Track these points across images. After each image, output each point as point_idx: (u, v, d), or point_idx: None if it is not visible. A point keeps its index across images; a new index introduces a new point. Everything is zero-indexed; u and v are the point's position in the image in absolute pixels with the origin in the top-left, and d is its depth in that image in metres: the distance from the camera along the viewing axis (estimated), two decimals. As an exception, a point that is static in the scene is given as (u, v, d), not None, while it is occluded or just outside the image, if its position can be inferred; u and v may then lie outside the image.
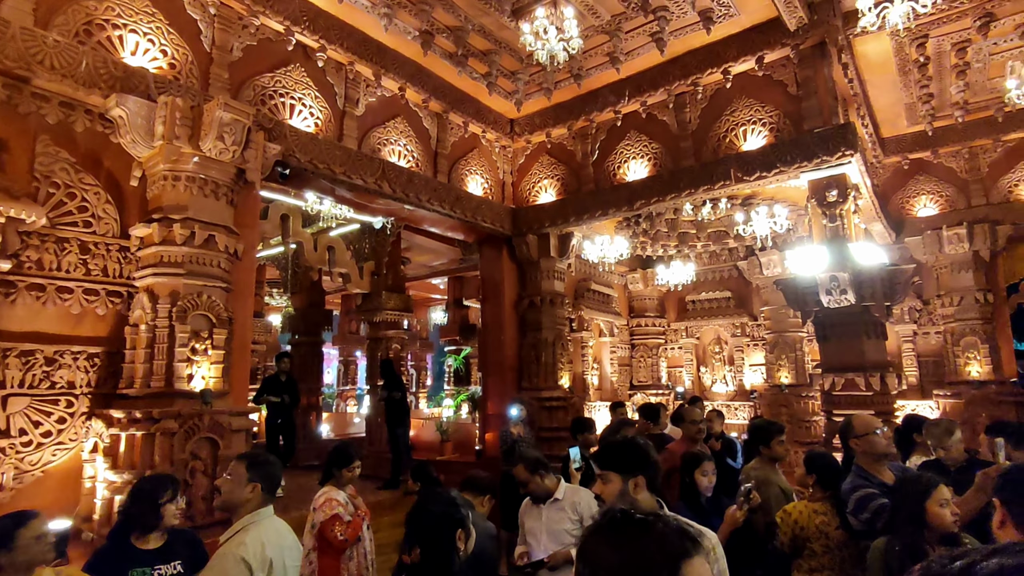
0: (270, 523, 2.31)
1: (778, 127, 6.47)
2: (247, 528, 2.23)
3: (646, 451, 2.16)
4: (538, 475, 3.29)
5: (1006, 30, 6.29)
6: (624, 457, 2.14)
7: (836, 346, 6.14)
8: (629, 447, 2.18)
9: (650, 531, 0.94)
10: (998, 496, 1.67)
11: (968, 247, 8.28)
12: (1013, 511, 1.63)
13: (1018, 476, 1.69)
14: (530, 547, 3.24)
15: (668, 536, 0.93)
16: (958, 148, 8.55)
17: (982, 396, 8.04)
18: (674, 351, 11.41)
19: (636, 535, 0.94)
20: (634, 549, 0.92)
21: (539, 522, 3.23)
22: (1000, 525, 1.64)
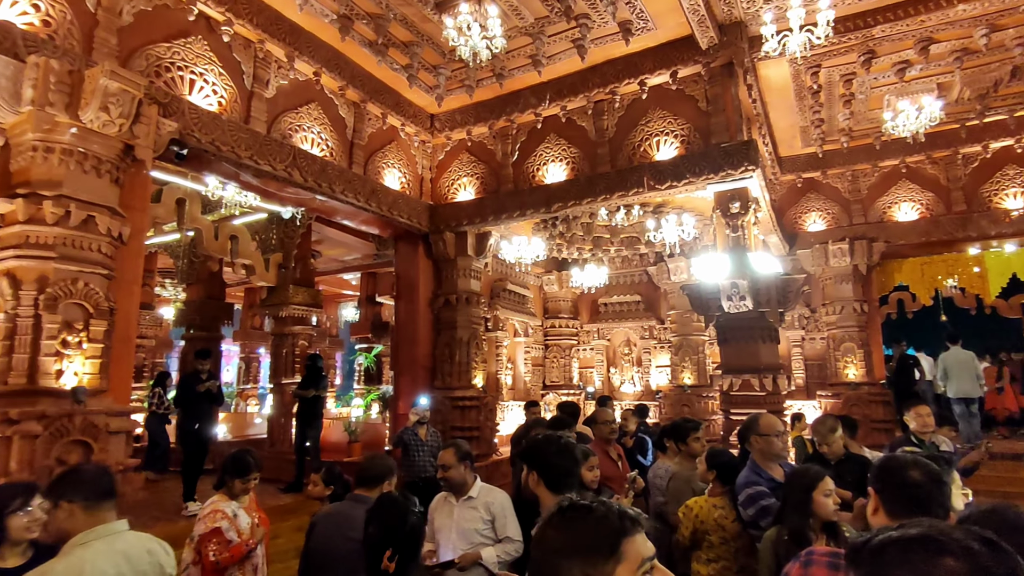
0: (108, 543, 1.89)
1: (689, 140, 6.78)
2: (63, 555, 1.84)
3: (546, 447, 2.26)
4: (464, 464, 3.19)
5: (884, 67, 6.96)
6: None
7: (735, 349, 6.52)
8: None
9: (592, 513, 1.02)
10: (871, 484, 1.80)
11: (849, 261, 9.09)
12: (884, 498, 1.75)
13: (889, 464, 1.81)
14: (438, 545, 3.11)
15: (608, 517, 1.01)
16: (843, 171, 9.38)
17: (857, 396, 8.86)
18: (586, 352, 11.71)
19: (580, 517, 1.02)
20: (577, 529, 1.01)
21: (450, 519, 3.11)
22: (874, 512, 1.76)
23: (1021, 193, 8.43)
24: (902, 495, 1.71)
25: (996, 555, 0.78)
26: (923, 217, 8.97)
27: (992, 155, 8.56)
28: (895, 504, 1.71)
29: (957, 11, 5.88)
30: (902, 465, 1.75)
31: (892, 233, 9.08)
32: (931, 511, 1.64)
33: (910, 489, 1.69)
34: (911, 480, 1.70)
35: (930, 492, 1.68)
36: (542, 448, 2.33)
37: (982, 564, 0.76)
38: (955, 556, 0.77)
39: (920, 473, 1.70)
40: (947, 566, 0.77)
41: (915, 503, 1.67)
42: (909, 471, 1.72)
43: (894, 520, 1.67)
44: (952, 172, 8.83)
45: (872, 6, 6.05)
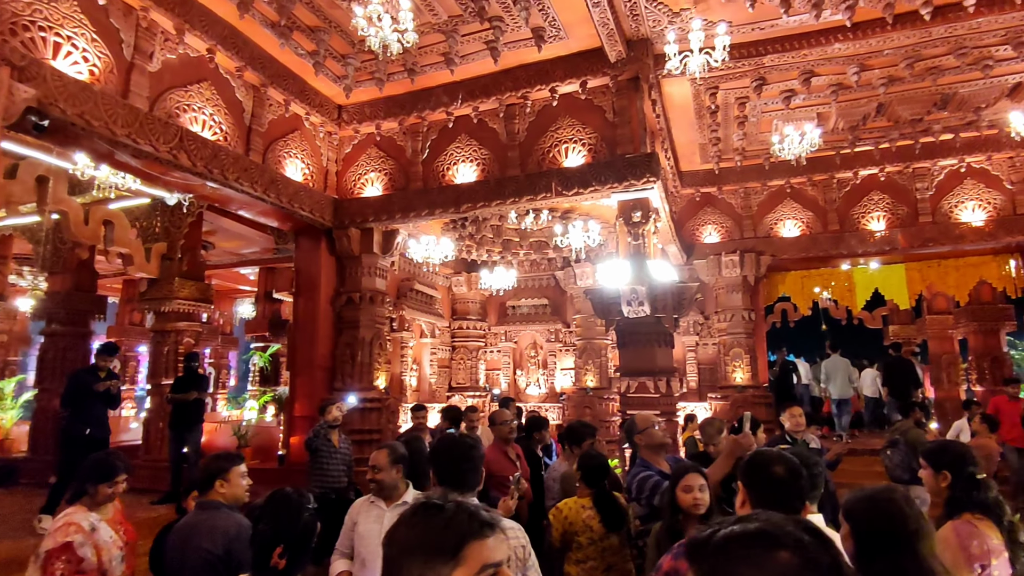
0: None
1: (595, 149, 6.96)
2: None
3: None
4: (397, 468, 3.01)
5: (773, 94, 7.52)
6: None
7: (633, 353, 6.76)
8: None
9: (442, 513, 1.02)
10: (740, 479, 1.88)
11: (739, 272, 9.74)
12: (750, 493, 1.84)
13: (756, 460, 1.91)
14: (358, 555, 2.81)
15: (456, 518, 1.00)
16: (737, 187, 10.05)
17: (743, 398, 9.50)
18: (493, 354, 11.75)
19: (430, 517, 1.02)
20: (424, 529, 1.01)
21: (378, 525, 2.80)
22: (741, 505, 1.85)
23: (883, 217, 9.42)
24: (766, 489, 1.80)
25: (822, 546, 0.82)
26: (804, 234, 9.79)
27: (861, 181, 9.51)
28: (760, 498, 1.80)
29: (834, 49, 6.46)
30: (767, 461, 1.85)
31: (777, 247, 9.84)
32: (791, 503, 1.74)
33: (773, 484, 1.79)
34: (774, 475, 1.79)
35: (791, 486, 1.78)
36: (438, 449, 2.45)
37: (811, 556, 0.80)
38: (789, 549, 0.80)
39: (783, 468, 1.81)
40: (782, 559, 0.79)
41: (778, 496, 1.76)
42: (773, 467, 1.82)
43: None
44: (828, 194, 9.71)
45: (763, 37, 6.50)
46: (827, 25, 6.12)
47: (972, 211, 9.05)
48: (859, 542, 1.70)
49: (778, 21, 6.14)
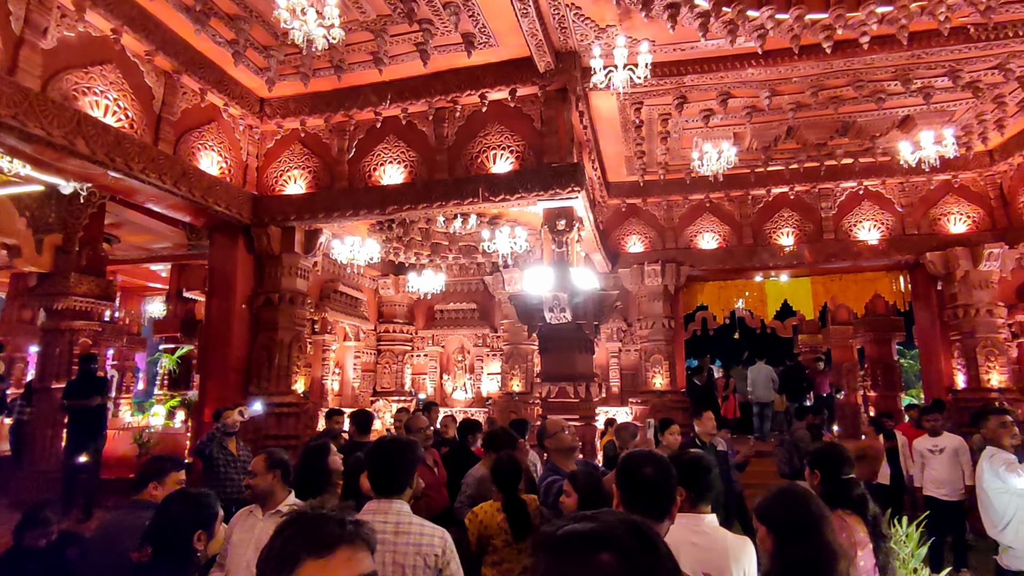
0: None
1: (523, 156, 7.05)
2: None
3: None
4: (273, 473, 2.87)
5: (693, 112, 7.88)
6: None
7: (554, 358, 6.88)
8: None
9: (284, 530, 1.03)
10: (615, 483, 1.96)
11: (661, 281, 10.12)
12: (622, 493, 1.92)
13: (627, 462, 1.98)
14: (227, 567, 2.69)
15: (297, 535, 1.01)
16: (660, 200, 10.45)
17: (662, 403, 9.85)
18: (420, 358, 11.62)
19: (285, 525, 1.04)
20: (270, 545, 1.03)
21: (250, 534, 2.71)
22: (616, 506, 1.92)
23: (792, 232, 10.06)
24: (635, 490, 1.87)
25: (645, 551, 0.86)
26: (721, 247, 10.29)
27: (773, 199, 10.12)
28: (630, 498, 1.88)
29: (748, 73, 6.85)
30: (637, 463, 1.91)
31: (697, 259, 10.30)
32: (660, 503, 1.82)
33: (642, 484, 1.85)
34: (644, 476, 1.85)
35: (660, 487, 1.85)
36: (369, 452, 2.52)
37: (632, 559, 0.83)
38: (612, 552, 0.83)
39: (652, 469, 1.87)
40: (603, 561, 0.82)
41: (646, 497, 1.84)
42: (643, 468, 1.87)
43: (632, 512, 1.85)
44: (744, 210, 10.27)
45: (684, 57, 6.80)
46: (741, 51, 6.47)
47: (868, 230, 9.82)
48: (777, 536, 1.88)
49: (697, 43, 6.44)
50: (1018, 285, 9.74)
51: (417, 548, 2.23)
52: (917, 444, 6.48)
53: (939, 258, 9.40)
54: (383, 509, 2.31)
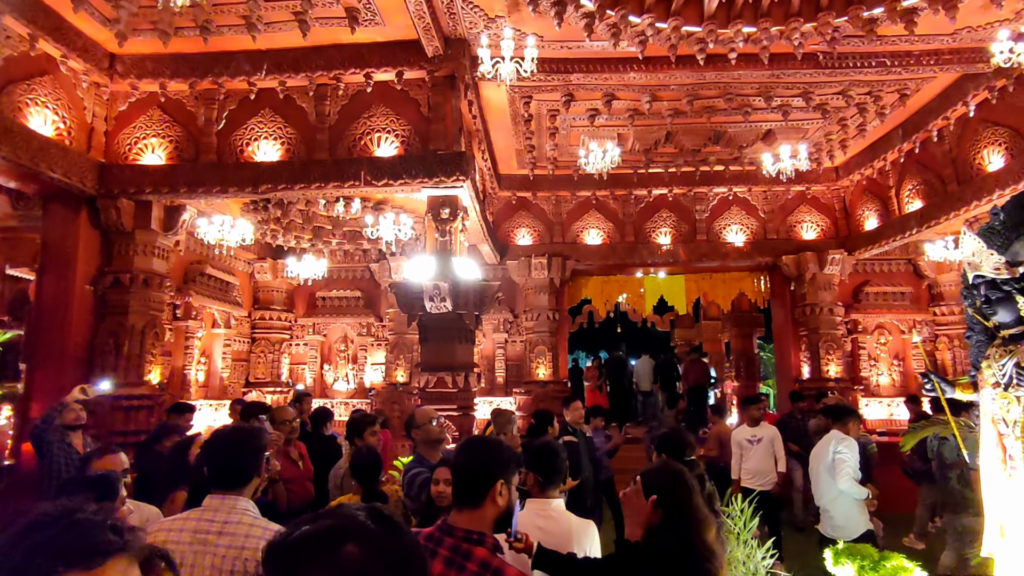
0: None
1: (409, 141, 6.87)
2: None
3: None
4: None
5: (580, 111, 8.09)
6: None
7: (434, 348, 6.81)
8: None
9: (45, 526, 0.85)
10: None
11: (547, 275, 10.35)
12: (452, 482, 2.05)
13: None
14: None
15: (63, 533, 0.83)
16: (549, 194, 10.66)
17: (544, 393, 10.12)
18: (299, 347, 11.07)
19: (28, 530, 0.86)
20: (18, 545, 0.83)
21: None
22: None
23: (670, 232, 10.67)
24: (455, 476, 2.02)
25: (391, 534, 0.83)
26: (605, 243, 10.70)
27: (653, 199, 10.67)
28: (454, 485, 2.02)
29: (630, 77, 7.11)
30: (457, 450, 2.10)
31: (582, 254, 10.64)
32: (477, 489, 1.91)
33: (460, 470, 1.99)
34: (459, 466, 2.00)
35: (475, 472, 1.96)
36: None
37: (378, 545, 0.80)
38: (355, 542, 0.79)
39: (461, 457, 2.02)
40: (348, 553, 0.78)
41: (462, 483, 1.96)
42: (457, 459, 2.04)
43: (455, 498, 1.98)
44: (627, 209, 10.74)
45: (571, 56, 6.92)
46: (625, 55, 6.69)
47: (736, 233, 10.65)
48: (664, 503, 2.11)
49: (583, 43, 6.57)
50: (854, 287, 11.02)
51: (239, 551, 2.03)
52: (735, 434, 6.55)
53: (793, 261, 10.41)
54: (215, 506, 2.12)
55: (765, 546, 3.90)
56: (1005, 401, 2.78)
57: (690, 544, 2.05)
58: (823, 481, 4.54)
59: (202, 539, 2.03)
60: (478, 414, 7.77)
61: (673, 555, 2.02)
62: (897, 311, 10.94)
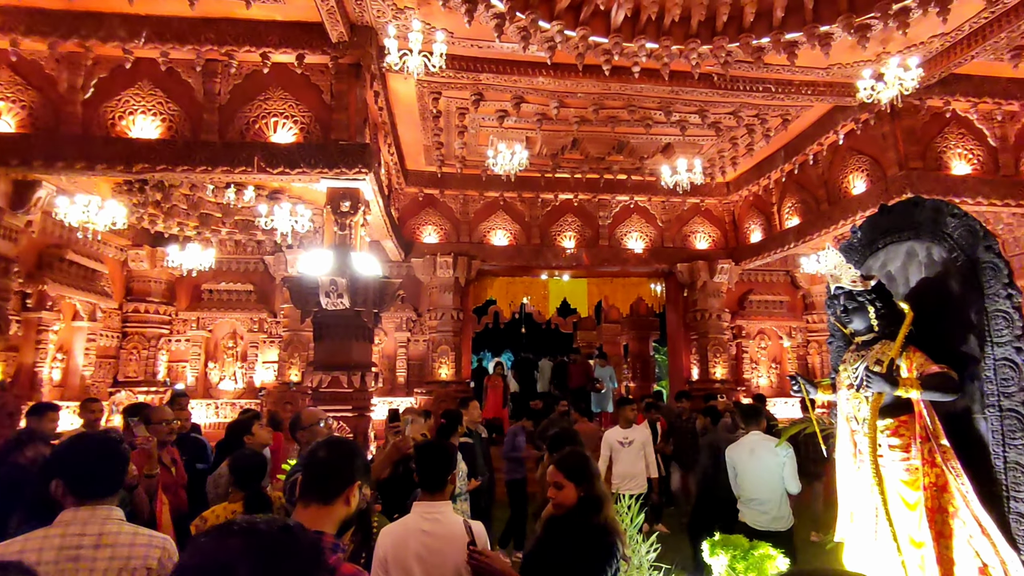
0: None
1: (309, 129, 6.52)
2: None
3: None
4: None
5: (489, 111, 8.07)
6: None
7: (329, 346, 6.50)
8: None
9: None
10: None
11: (452, 273, 10.25)
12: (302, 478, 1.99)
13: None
14: None
15: None
16: (457, 193, 10.57)
17: (446, 393, 9.99)
18: (180, 344, 10.18)
19: None
20: None
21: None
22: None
23: (574, 237, 10.93)
24: (309, 472, 1.96)
25: (287, 539, 0.85)
26: (511, 244, 10.77)
27: (559, 204, 10.88)
28: (305, 481, 1.96)
29: (539, 82, 7.18)
30: (315, 446, 2.04)
31: (488, 254, 10.64)
32: (329, 485, 1.87)
33: (315, 466, 1.95)
34: (318, 459, 1.95)
35: (330, 469, 1.92)
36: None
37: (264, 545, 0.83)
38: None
39: (327, 452, 1.97)
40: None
41: (319, 479, 1.91)
42: (319, 451, 1.98)
43: (305, 495, 1.93)
44: (533, 212, 10.87)
45: (481, 55, 6.88)
46: (534, 59, 6.74)
47: (636, 240, 11.11)
48: (578, 483, 2.50)
49: (493, 44, 6.55)
50: (740, 295, 11.86)
51: (125, 561, 1.88)
52: (608, 435, 6.26)
53: (686, 269, 11.03)
54: (81, 519, 1.90)
55: (649, 541, 4.06)
56: (857, 401, 3.04)
57: (604, 519, 2.45)
58: (760, 479, 4.75)
59: (72, 555, 1.82)
60: (376, 415, 7.53)
61: (591, 528, 2.41)
62: (776, 318, 11.90)
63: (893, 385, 2.79)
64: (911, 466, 2.85)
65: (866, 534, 3.02)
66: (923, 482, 2.81)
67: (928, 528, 2.76)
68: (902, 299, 3.05)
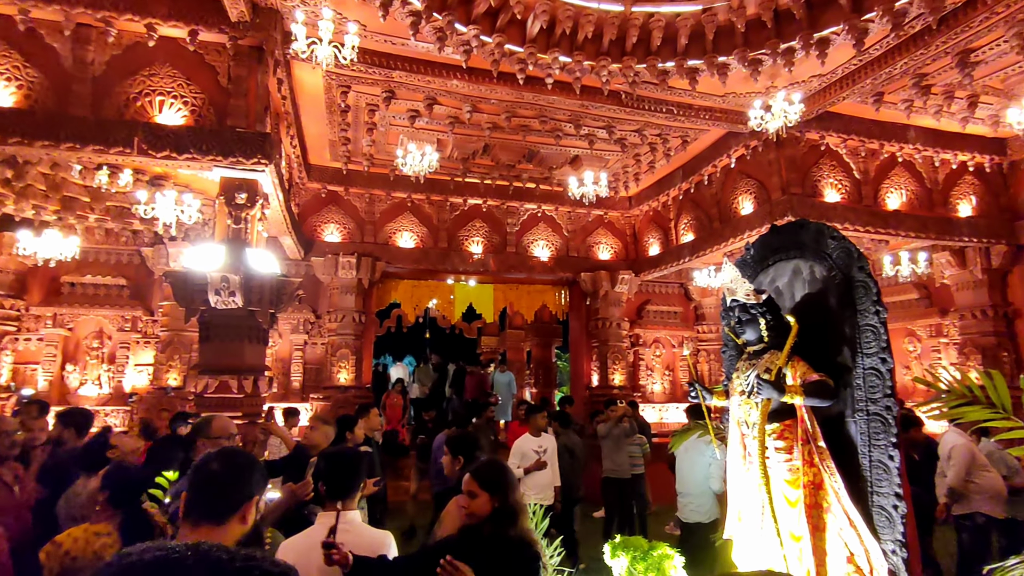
0: None
1: (201, 112, 6.00)
2: None
3: None
4: None
5: (401, 110, 7.87)
6: None
7: (218, 348, 5.98)
8: None
9: None
10: None
11: (356, 275, 9.86)
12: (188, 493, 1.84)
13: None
14: None
15: None
16: (363, 192, 10.21)
17: (344, 399, 9.57)
18: (30, 343, 8.95)
19: None
20: None
21: None
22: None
23: (481, 242, 10.93)
24: (199, 489, 1.80)
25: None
26: (418, 247, 10.57)
27: (468, 208, 10.84)
28: (192, 499, 1.81)
29: (453, 84, 7.10)
30: (206, 459, 1.85)
31: (394, 256, 10.36)
32: (222, 503, 1.70)
33: (206, 482, 1.79)
34: (210, 472, 1.77)
35: (225, 484, 1.77)
36: None
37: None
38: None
39: (220, 464, 1.79)
40: None
41: (209, 496, 1.76)
42: (211, 463, 1.80)
43: (190, 514, 1.78)
44: (442, 215, 10.75)
45: (395, 52, 6.68)
46: (449, 61, 6.67)
47: (542, 248, 11.31)
48: (493, 494, 2.47)
49: (408, 42, 6.38)
50: (638, 305, 12.43)
51: None
52: (519, 444, 6.10)
53: (590, 278, 11.38)
54: None
55: (554, 545, 4.10)
56: (748, 407, 3.25)
57: (520, 528, 2.45)
58: (690, 475, 5.24)
59: None
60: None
61: (506, 538, 2.39)
62: (670, 328, 12.60)
63: (780, 392, 3.00)
64: (793, 466, 3.08)
65: (753, 530, 3.22)
66: (803, 481, 3.04)
67: (806, 523, 3.00)
68: (788, 312, 3.29)
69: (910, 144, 8.41)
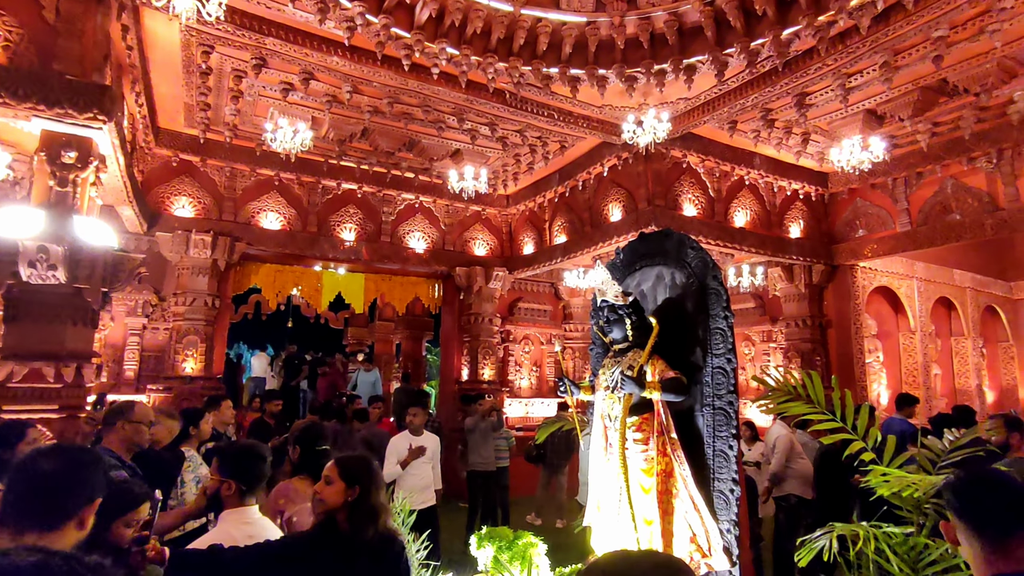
0: None
1: (18, 50, 5.07)
2: None
3: None
4: None
5: (273, 80, 7.29)
6: None
7: (29, 329, 5.08)
8: None
9: None
10: None
11: (210, 255, 8.96)
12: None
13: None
14: None
15: None
16: (224, 165, 9.31)
17: (190, 391, 8.65)
18: None
19: None
20: None
21: None
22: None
23: (354, 229, 10.48)
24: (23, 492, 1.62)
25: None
26: (284, 229, 9.87)
27: (342, 193, 10.34)
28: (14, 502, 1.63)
29: (333, 61, 6.69)
30: (32, 455, 1.69)
31: (256, 237, 9.57)
32: (55, 505, 1.49)
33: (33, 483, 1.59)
34: (39, 471, 1.55)
35: (57, 485, 1.57)
36: None
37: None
38: None
39: (53, 463, 1.57)
40: None
41: (38, 498, 1.55)
42: (40, 462, 1.58)
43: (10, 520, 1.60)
44: (313, 197, 10.14)
45: (270, 17, 6.13)
46: (330, 36, 6.28)
47: (418, 240, 11.12)
48: (363, 487, 2.42)
49: (286, 8, 5.90)
50: (510, 302, 12.70)
51: None
52: (396, 443, 5.67)
53: (465, 273, 11.40)
54: None
55: (420, 540, 4.04)
56: (611, 401, 3.45)
57: (382, 526, 2.42)
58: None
59: None
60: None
61: (368, 530, 2.36)
62: (540, 325, 13.03)
63: (641, 387, 3.22)
64: (648, 456, 3.32)
65: (610, 517, 3.42)
66: (656, 469, 3.29)
67: (657, 508, 3.25)
68: (651, 314, 3.54)
69: (755, 170, 9.49)
